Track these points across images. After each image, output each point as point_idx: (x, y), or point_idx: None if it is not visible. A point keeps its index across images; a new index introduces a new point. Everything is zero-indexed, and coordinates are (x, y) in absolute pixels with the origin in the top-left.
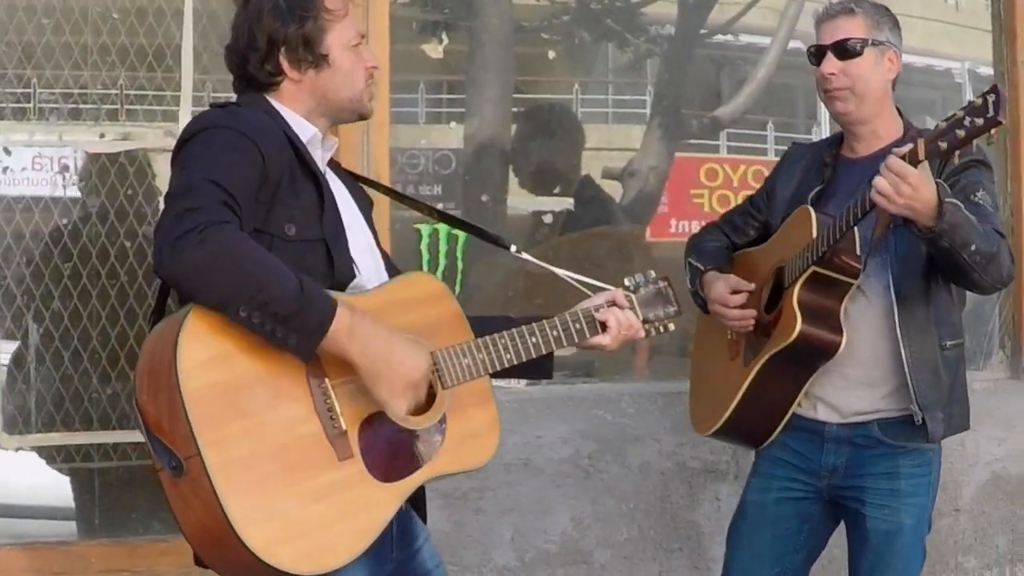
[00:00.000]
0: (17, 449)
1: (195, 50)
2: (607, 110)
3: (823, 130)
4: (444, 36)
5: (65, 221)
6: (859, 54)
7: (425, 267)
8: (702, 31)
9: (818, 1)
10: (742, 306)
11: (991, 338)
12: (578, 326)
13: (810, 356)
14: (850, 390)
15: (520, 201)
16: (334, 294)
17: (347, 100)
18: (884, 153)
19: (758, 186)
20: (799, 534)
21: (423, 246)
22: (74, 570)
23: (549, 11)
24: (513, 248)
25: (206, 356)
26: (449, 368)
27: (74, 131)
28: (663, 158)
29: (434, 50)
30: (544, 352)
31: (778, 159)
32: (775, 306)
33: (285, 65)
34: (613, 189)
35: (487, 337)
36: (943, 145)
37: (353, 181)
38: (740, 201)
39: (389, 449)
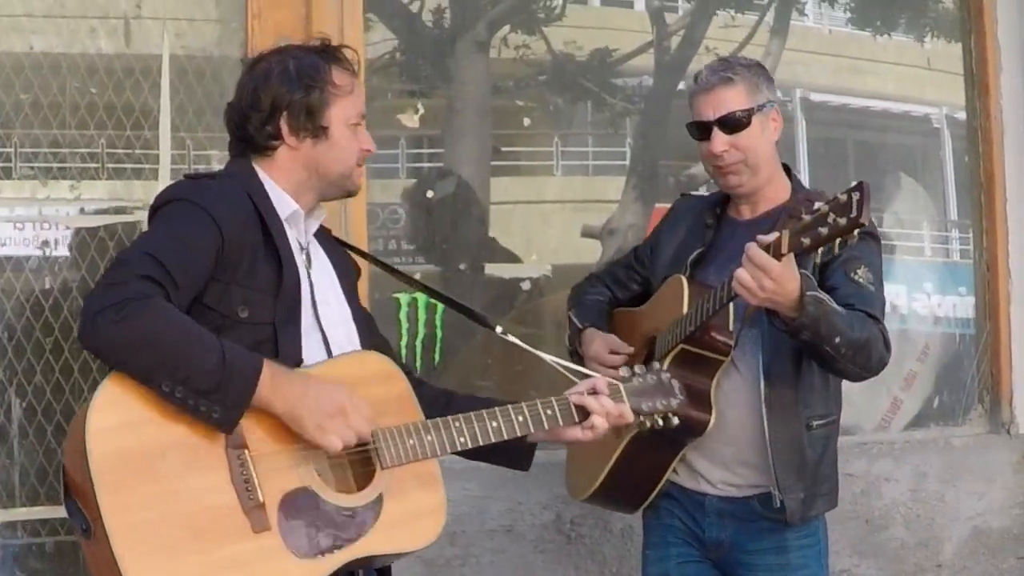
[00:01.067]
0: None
1: (172, 121)
2: (587, 163)
3: (803, 180)
4: (420, 105)
5: (47, 288)
6: (747, 125)
7: (404, 336)
8: (679, 87)
9: (797, 51)
10: (618, 367)
11: (969, 393)
12: (549, 412)
13: (678, 432)
14: (726, 467)
15: (495, 269)
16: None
17: (337, 175)
18: (771, 216)
19: None
20: None
21: (402, 315)
22: None
23: (524, 71)
24: (499, 329)
25: (116, 422)
26: (390, 448)
27: (55, 188)
28: (641, 216)
29: (410, 119)
30: (505, 437)
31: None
32: None
33: (285, 130)
34: (592, 247)
35: (440, 419)
36: (805, 242)
37: (340, 249)
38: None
39: (312, 525)
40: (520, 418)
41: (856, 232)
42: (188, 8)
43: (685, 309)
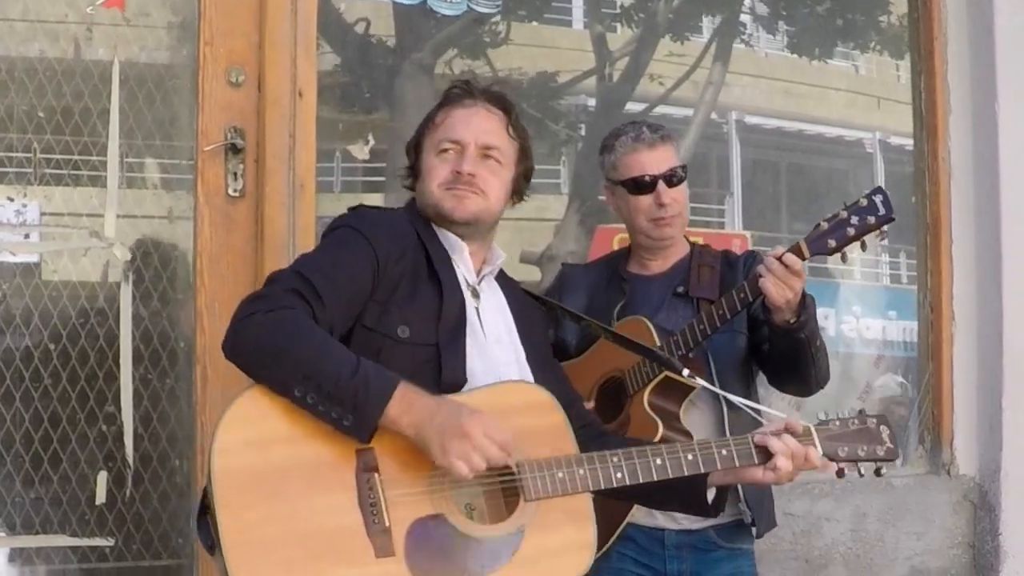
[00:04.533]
0: None
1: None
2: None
3: (736, 202)
4: (371, 137)
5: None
6: (683, 180)
7: None
8: (625, 109)
9: (732, 73)
10: None
11: (910, 433)
12: (724, 452)
13: None
14: None
15: None
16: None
17: (428, 204)
18: (679, 268)
19: None
20: None
21: None
22: None
23: None
24: (686, 372)
25: (244, 439)
26: (535, 479)
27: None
28: (582, 242)
29: (360, 151)
30: (670, 475)
31: (557, 281)
32: (612, 418)
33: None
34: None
35: (597, 452)
36: (832, 243)
37: (525, 298)
38: None
39: (441, 554)
40: (689, 456)
41: (886, 228)
42: (140, 35)
43: (658, 342)
